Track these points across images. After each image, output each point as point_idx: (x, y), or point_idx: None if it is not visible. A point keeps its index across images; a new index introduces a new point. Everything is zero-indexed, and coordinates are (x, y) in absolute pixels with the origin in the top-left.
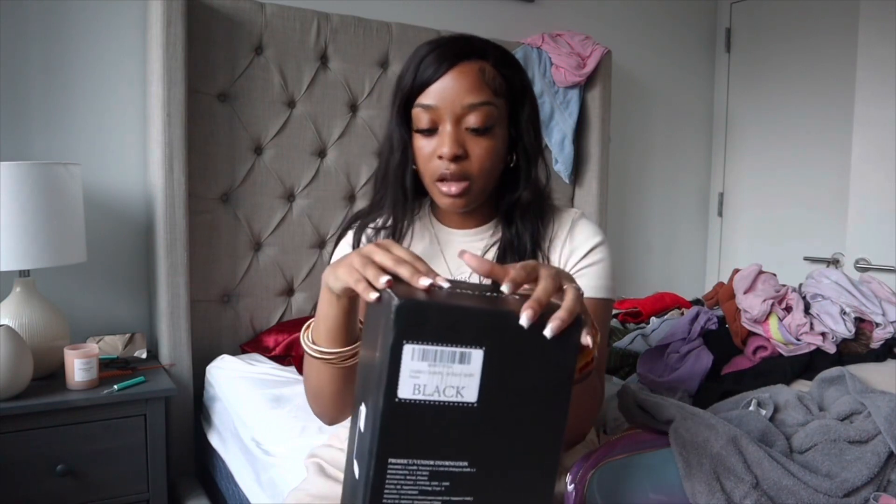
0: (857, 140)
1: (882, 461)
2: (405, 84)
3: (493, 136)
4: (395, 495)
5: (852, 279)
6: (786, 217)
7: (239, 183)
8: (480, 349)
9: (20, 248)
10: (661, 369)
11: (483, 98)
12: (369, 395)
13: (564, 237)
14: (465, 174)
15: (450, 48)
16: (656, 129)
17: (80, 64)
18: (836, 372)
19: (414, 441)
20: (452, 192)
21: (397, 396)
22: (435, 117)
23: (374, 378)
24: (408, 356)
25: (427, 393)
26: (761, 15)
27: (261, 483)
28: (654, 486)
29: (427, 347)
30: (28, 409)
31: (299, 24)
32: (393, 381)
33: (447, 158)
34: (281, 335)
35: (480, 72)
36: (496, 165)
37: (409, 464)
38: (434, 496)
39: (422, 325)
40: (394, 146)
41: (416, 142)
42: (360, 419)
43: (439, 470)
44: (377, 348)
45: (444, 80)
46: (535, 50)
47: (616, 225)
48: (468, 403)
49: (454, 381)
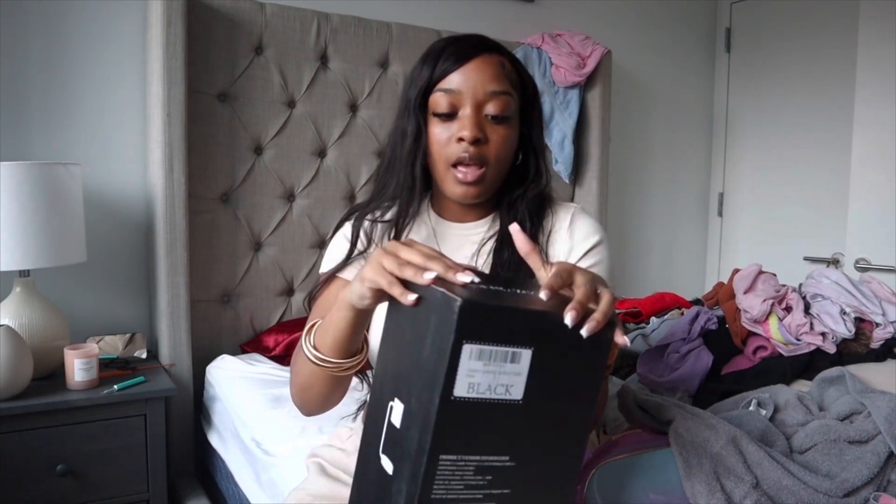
0: (857, 140)
1: (882, 461)
2: (424, 74)
3: (511, 126)
4: (444, 490)
5: (852, 279)
6: (786, 217)
7: (239, 183)
8: (529, 349)
9: (20, 248)
10: (661, 369)
11: (504, 87)
12: (411, 392)
13: (565, 233)
14: (482, 159)
15: (470, 42)
16: (656, 129)
17: (80, 64)
18: (836, 372)
19: (464, 438)
20: (469, 178)
21: (453, 395)
22: (456, 101)
23: (423, 376)
24: (466, 356)
25: (480, 391)
26: (761, 15)
27: (261, 483)
28: (654, 486)
29: (484, 347)
30: (28, 409)
31: (299, 24)
32: (450, 379)
33: (468, 140)
34: (281, 335)
35: (500, 65)
36: (510, 156)
37: (458, 459)
38: (477, 490)
39: (482, 325)
40: (406, 133)
41: (433, 128)
42: (391, 415)
43: (484, 465)
44: (424, 346)
45: (468, 67)
46: (535, 50)
47: (616, 225)
48: (514, 401)
49: (504, 379)
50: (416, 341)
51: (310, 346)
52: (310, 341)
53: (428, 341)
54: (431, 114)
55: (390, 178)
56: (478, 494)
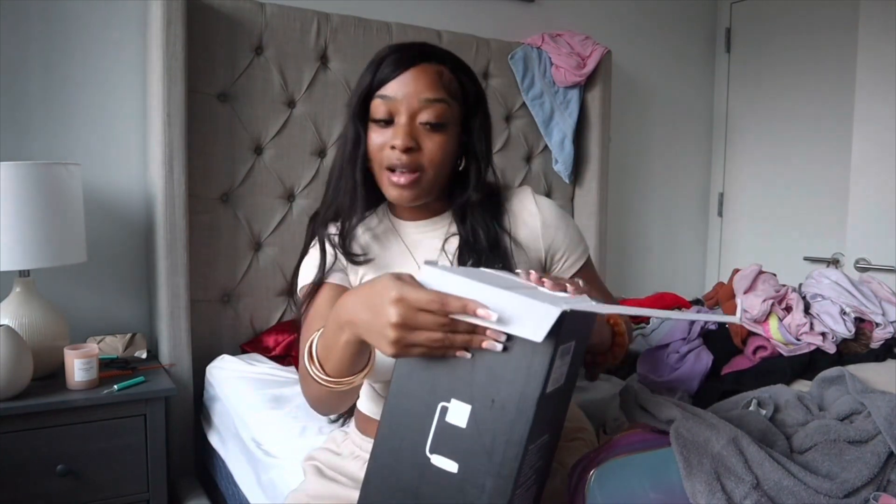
0: (858, 140)
1: (882, 461)
2: (365, 80)
3: (446, 133)
4: (522, 477)
5: (852, 279)
6: (786, 217)
7: (239, 183)
8: (572, 341)
9: (20, 248)
10: (661, 369)
11: (440, 95)
12: (487, 393)
13: (534, 211)
14: (416, 165)
15: (411, 51)
16: (656, 129)
17: (80, 64)
18: (836, 372)
19: (540, 426)
20: (401, 182)
21: (546, 391)
22: (392, 109)
23: (509, 378)
24: (558, 357)
25: (556, 383)
26: (761, 15)
27: (261, 483)
28: (654, 485)
29: (564, 346)
30: (28, 409)
31: (299, 24)
32: (546, 379)
33: (399, 149)
34: (281, 335)
35: (438, 74)
36: (446, 162)
37: (534, 447)
38: (532, 468)
39: (566, 329)
40: (348, 139)
41: (371, 133)
42: (446, 415)
43: (541, 444)
44: (502, 350)
45: (405, 76)
46: (535, 50)
47: (616, 225)
48: (561, 386)
49: (563, 369)
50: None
51: (316, 371)
52: (315, 367)
53: (512, 346)
54: (371, 119)
55: (337, 181)
56: (530, 473)
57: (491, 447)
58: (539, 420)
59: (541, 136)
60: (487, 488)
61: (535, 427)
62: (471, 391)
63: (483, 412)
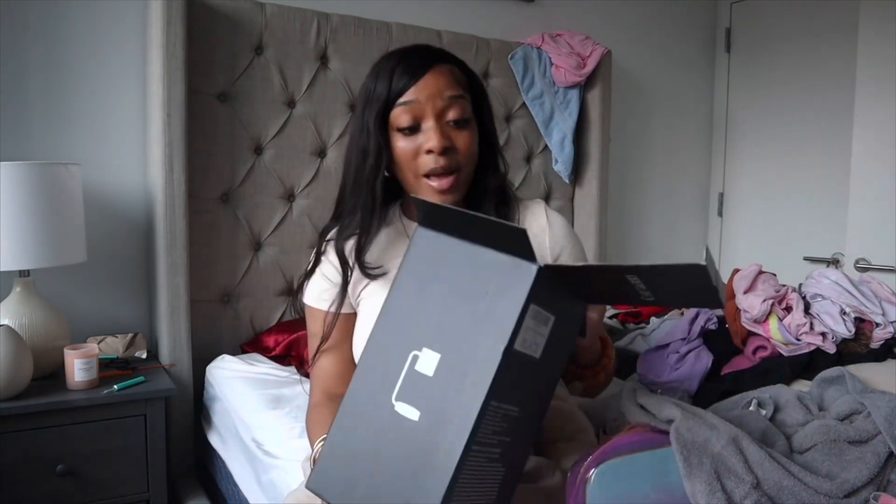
0: (857, 140)
1: (882, 461)
2: (380, 92)
3: (472, 128)
4: (482, 434)
5: (852, 279)
6: (786, 217)
7: (239, 183)
8: (553, 316)
9: (20, 248)
10: (661, 369)
11: (459, 92)
12: (458, 343)
13: (544, 225)
14: (454, 166)
15: (420, 55)
16: (656, 129)
17: (80, 64)
18: (836, 372)
19: (504, 387)
20: (444, 187)
21: (514, 347)
22: (417, 114)
23: (481, 329)
24: (529, 315)
25: (525, 347)
26: (761, 15)
27: (261, 484)
28: (654, 485)
29: (539, 310)
30: (28, 409)
31: (299, 24)
32: (515, 334)
33: (437, 151)
34: (281, 335)
35: (451, 72)
36: (476, 155)
37: (498, 406)
38: (495, 435)
39: (544, 292)
40: (368, 152)
41: (397, 143)
42: (415, 363)
43: (507, 413)
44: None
45: (425, 80)
46: (535, 50)
47: (616, 225)
48: (535, 358)
49: (538, 339)
50: (465, 296)
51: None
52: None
53: (488, 298)
54: (395, 130)
55: (357, 197)
56: (493, 440)
57: (454, 397)
58: (506, 379)
59: (541, 136)
60: (445, 438)
61: (502, 385)
62: (442, 340)
63: (451, 360)
